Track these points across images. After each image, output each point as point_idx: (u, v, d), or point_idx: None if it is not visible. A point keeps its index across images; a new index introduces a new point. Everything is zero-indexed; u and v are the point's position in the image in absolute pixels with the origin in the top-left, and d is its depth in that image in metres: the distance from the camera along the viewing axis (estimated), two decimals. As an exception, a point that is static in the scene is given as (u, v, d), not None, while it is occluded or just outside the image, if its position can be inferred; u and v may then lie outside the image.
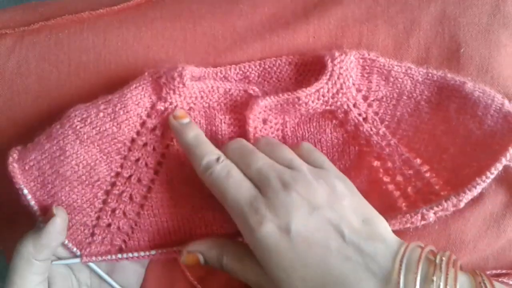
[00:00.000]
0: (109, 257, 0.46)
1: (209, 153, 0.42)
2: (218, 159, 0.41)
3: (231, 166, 0.41)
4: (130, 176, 0.46)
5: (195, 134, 0.43)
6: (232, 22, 0.49)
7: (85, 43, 0.48)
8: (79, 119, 0.45)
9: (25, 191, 0.44)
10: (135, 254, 0.47)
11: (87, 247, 0.46)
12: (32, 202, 0.44)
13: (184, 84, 0.45)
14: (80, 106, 0.46)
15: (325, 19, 0.48)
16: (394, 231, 0.44)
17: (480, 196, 0.46)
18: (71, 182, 0.45)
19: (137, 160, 0.46)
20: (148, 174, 0.47)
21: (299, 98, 0.45)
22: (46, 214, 0.43)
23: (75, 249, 0.46)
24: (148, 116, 0.46)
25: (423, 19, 0.48)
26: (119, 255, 0.46)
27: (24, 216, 0.45)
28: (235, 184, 0.40)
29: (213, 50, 0.48)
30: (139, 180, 0.46)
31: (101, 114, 0.45)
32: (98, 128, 0.45)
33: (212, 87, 0.46)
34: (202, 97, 0.46)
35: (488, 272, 0.47)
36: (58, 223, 0.42)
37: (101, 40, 0.48)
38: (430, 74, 0.46)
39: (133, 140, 0.46)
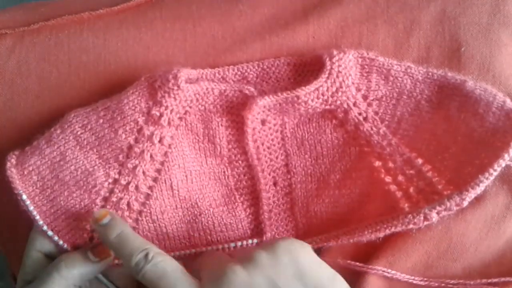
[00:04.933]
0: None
1: (135, 251, 0.40)
2: (146, 256, 0.39)
3: (163, 263, 0.39)
4: (128, 184, 0.46)
5: (116, 233, 0.41)
6: (231, 22, 0.49)
7: (85, 44, 0.48)
8: (80, 125, 0.45)
9: (24, 197, 0.43)
10: None
11: None
12: (31, 208, 0.43)
13: (179, 87, 0.44)
14: (79, 111, 0.46)
15: (324, 19, 0.48)
16: (397, 233, 0.43)
17: (482, 197, 0.45)
18: (69, 187, 0.45)
19: (135, 167, 0.45)
20: (146, 182, 0.46)
21: (298, 97, 0.45)
22: (99, 250, 0.43)
23: None
24: (145, 122, 0.45)
25: (423, 19, 0.48)
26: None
27: (24, 216, 0.44)
28: (169, 284, 0.38)
29: (212, 50, 0.48)
30: (137, 188, 0.46)
31: (101, 121, 0.45)
32: (97, 134, 0.45)
33: (207, 88, 0.45)
34: (197, 100, 0.46)
35: (489, 280, 0.46)
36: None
37: (101, 40, 0.48)
38: (430, 73, 0.46)
39: (130, 147, 0.45)
